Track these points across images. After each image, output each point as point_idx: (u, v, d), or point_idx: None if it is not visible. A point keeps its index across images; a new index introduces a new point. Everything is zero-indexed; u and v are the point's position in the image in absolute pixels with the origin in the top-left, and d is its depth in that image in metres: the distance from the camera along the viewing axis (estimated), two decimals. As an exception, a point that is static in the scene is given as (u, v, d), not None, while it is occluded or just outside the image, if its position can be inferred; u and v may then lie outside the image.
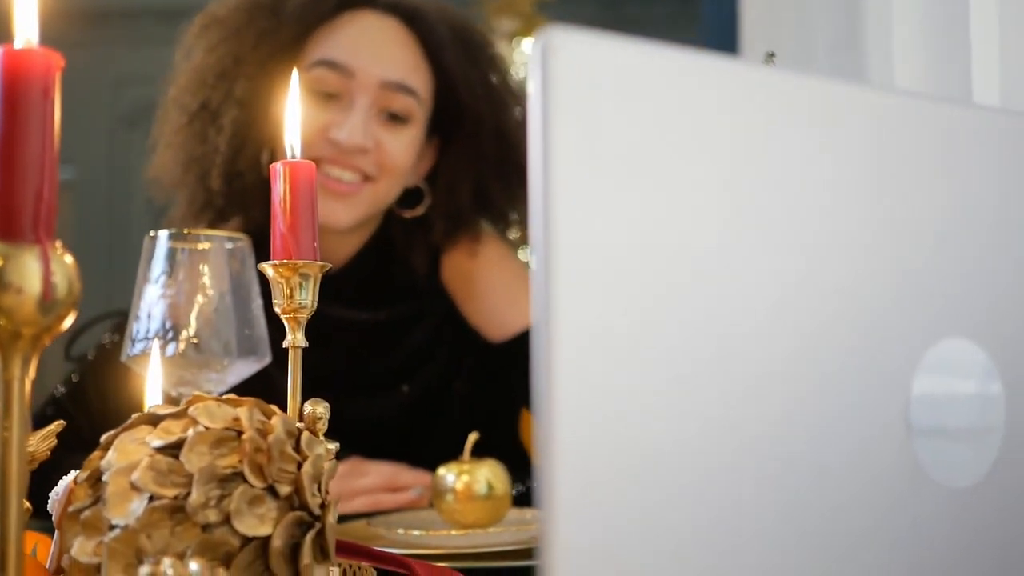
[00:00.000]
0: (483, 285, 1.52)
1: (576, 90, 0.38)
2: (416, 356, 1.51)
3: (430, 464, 1.14)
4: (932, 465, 0.47)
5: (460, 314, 1.52)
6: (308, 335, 1.42)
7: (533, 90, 0.38)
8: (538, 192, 0.38)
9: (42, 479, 0.73)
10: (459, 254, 1.54)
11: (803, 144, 0.44)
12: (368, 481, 1.31)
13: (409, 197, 1.51)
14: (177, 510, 0.58)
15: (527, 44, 4.53)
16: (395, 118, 1.43)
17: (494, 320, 1.50)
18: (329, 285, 1.47)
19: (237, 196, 1.44)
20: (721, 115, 0.42)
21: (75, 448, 0.85)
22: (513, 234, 1.64)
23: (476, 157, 1.51)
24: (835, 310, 0.45)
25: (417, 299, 1.53)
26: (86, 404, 1.42)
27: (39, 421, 1.06)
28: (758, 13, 2.30)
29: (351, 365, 1.49)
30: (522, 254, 1.95)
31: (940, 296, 0.48)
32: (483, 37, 1.55)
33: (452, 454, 1.09)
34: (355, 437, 1.43)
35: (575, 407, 0.38)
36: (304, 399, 0.70)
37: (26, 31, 0.51)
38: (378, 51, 1.43)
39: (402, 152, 1.43)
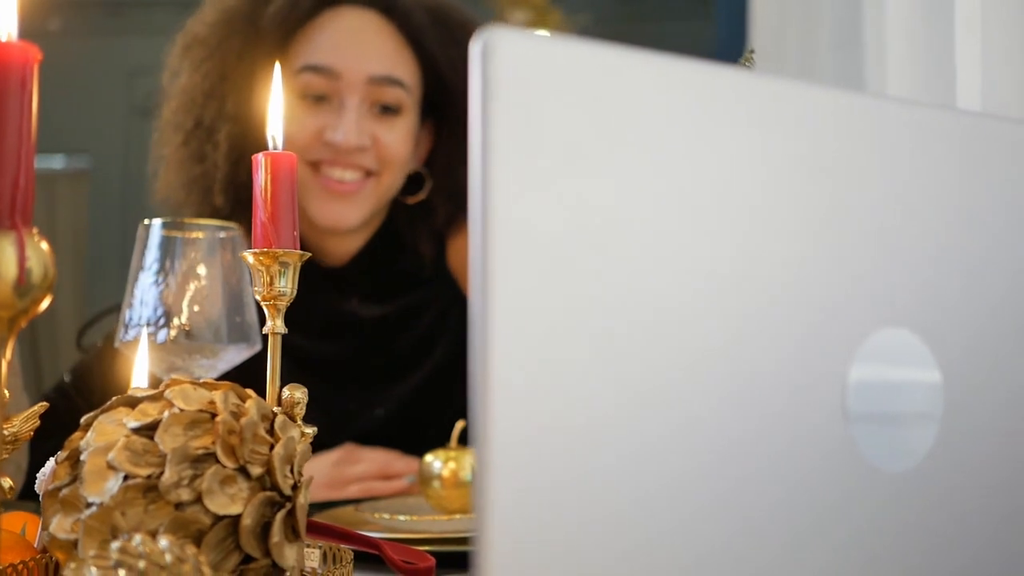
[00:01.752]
0: None
1: (515, 87, 0.40)
2: (421, 345, 1.53)
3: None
4: (869, 450, 0.49)
5: (465, 301, 1.54)
6: (319, 329, 1.43)
7: (473, 88, 0.40)
8: (477, 188, 0.40)
9: (41, 464, 0.76)
10: (465, 236, 1.56)
11: (741, 136, 0.46)
12: (361, 468, 1.33)
13: (411, 184, 1.53)
14: (151, 489, 0.60)
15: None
16: (387, 110, 1.45)
17: None
18: (339, 280, 1.50)
19: (241, 206, 1.46)
20: (657, 110, 0.43)
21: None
22: None
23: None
24: (772, 298, 0.46)
25: (424, 287, 1.54)
26: (90, 392, 1.44)
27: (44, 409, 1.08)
28: (768, 6, 2.31)
29: (358, 356, 1.51)
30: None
31: (878, 287, 0.49)
32: (461, 14, 1.56)
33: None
34: (360, 426, 1.46)
35: (511, 390, 0.40)
36: (312, 389, 0.72)
37: (5, 23, 0.53)
38: (360, 48, 1.45)
39: (399, 143, 1.45)
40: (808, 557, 0.48)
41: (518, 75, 0.40)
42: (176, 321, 0.97)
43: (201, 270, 0.99)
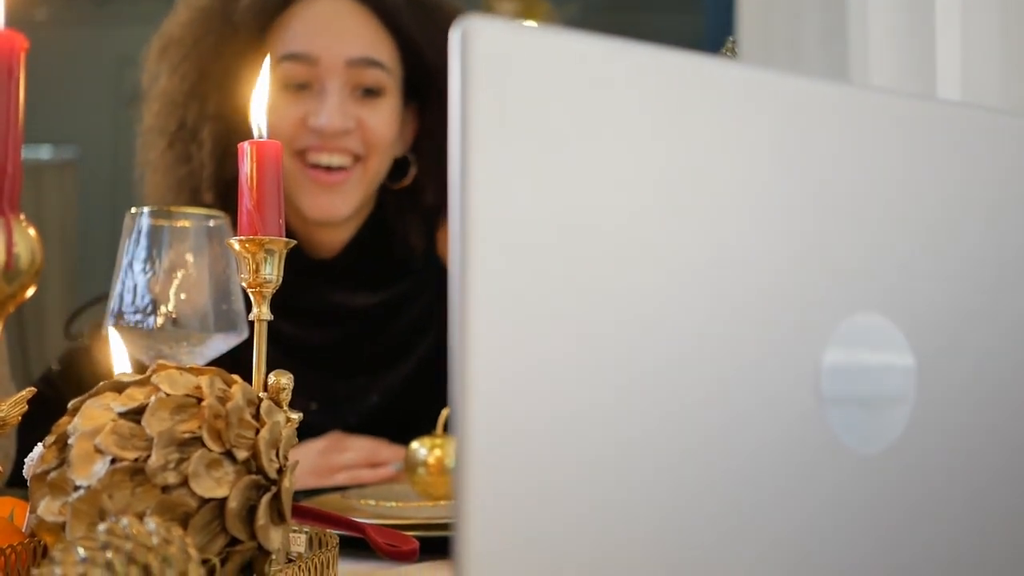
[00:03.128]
0: None
1: (494, 77, 0.41)
2: (412, 333, 1.53)
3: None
4: (843, 432, 0.49)
5: None
6: (309, 319, 1.43)
7: (452, 77, 0.41)
8: (456, 177, 0.40)
9: (29, 451, 0.76)
10: None
11: (720, 124, 0.46)
12: (348, 457, 1.34)
13: (397, 170, 1.54)
14: (138, 472, 0.60)
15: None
16: (370, 93, 1.45)
17: None
18: (329, 271, 1.50)
19: (231, 202, 1.46)
20: (635, 98, 0.44)
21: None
22: None
23: None
24: (748, 282, 0.47)
25: (415, 276, 1.55)
26: (78, 380, 1.45)
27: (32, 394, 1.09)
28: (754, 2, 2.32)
29: (349, 345, 1.51)
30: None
31: (853, 272, 0.50)
32: None
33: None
34: (350, 414, 1.46)
35: (490, 376, 0.41)
36: (302, 377, 0.73)
37: (-8, 14, 0.53)
38: (336, 32, 1.45)
39: (384, 126, 1.45)
40: (781, 537, 0.48)
41: (497, 64, 0.41)
42: (163, 309, 0.98)
43: (188, 258, 1.00)
